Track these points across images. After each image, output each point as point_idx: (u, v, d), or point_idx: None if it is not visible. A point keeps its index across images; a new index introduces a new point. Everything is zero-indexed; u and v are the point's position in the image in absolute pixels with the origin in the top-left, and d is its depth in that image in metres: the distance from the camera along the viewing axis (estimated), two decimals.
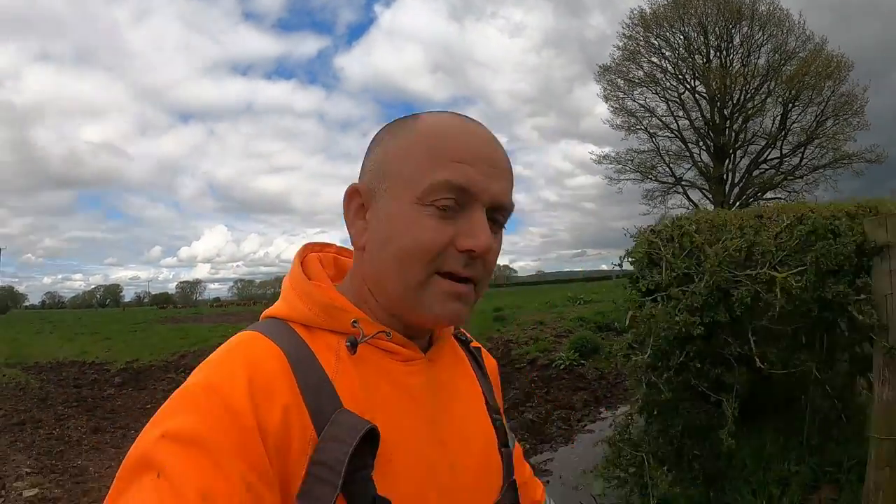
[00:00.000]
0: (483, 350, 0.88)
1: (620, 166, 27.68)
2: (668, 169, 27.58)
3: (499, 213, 0.67)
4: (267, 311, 0.70)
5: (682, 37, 24.77)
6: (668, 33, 24.92)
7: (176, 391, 0.57)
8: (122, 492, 0.50)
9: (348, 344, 0.63)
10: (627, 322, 2.82)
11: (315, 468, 0.56)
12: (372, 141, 0.70)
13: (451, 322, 0.66)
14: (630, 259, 3.02)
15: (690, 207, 27.49)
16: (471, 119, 0.69)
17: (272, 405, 0.56)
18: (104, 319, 33.15)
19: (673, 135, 26.70)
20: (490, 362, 0.89)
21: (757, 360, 2.42)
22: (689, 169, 27.28)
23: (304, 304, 0.66)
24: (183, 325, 23.09)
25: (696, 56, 25.02)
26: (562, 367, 8.46)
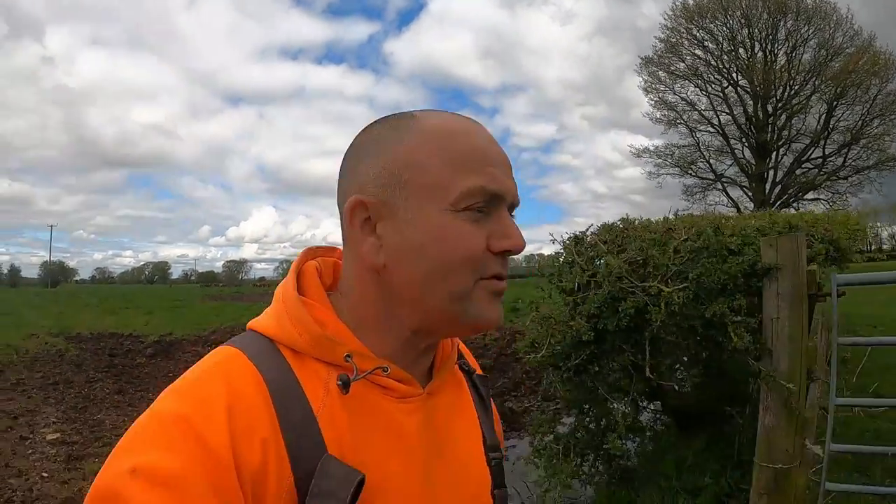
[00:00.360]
0: (488, 379, 0.83)
1: (661, 160, 27.45)
2: (708, 165, 27.18)
3: (512, 210, 0.66)
4: (254, 323, 0.64)
5: (725, 29, 24.26)
6: (711, 25, 24.45)
7: (147, 415, 0.54)
8: None
9: (340, 383, 0.58)
10: (529, 321, 3.10)
11: None
12: (360, 146, 0.64)
13: (497, 324, 0.64)
14: (554, 262, 3.24)
15: (730, 205, 27.09)
16: (467, 117, 0.66)
17: (251, 444, 0.52)
18: (150, 295, 34.83)
19: (714, 130, 26.27)
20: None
21: (647, 369, 2.65)
22: (730, 166, 26.83)
23: (293, 327, 0.60)
24: (222, 303, 24.22)
25: (740, 49, 24.49)
26: None
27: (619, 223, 3.31)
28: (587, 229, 3.35)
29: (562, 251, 3.26)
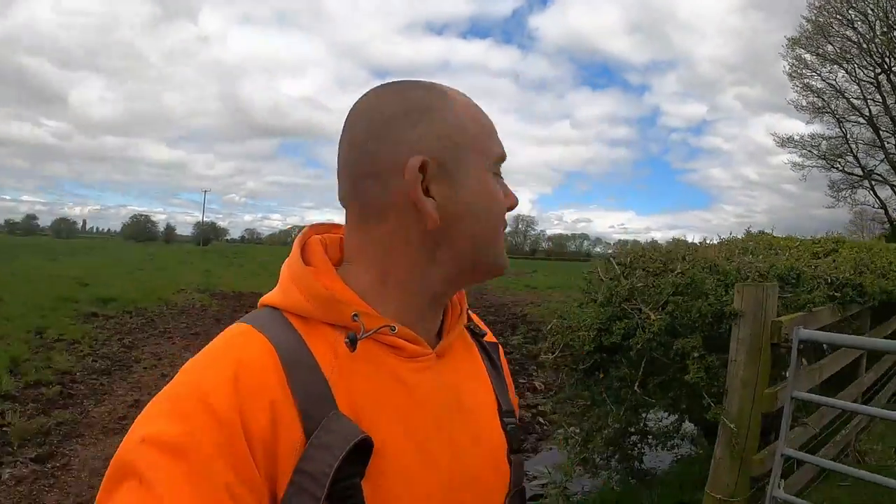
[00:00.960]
0: (500, 346, 0.84)
1: (806, 151, 25.36)
2: (855, 160, 24.69)
3: None
4: (263, 299, 0.65)
5: (878, 10, 21.66)
6: (864, 5, 21.94)
7: (162, 391, 0.55)
8: (105, 498, 0.50)
9: (347, 340, 0.58)
10: (550, 327, 3.49)
11: (299, 477, 0.52)
12: (404, 111, 0.63)
13: (507, 268, 0.70)
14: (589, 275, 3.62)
15: (877, 206, 24.53)
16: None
17: (259, 406, 0.53)
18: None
19: (864, 122, 23.75)
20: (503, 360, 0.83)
21: (636, 383, 2.99)
22: (880, 162, 24.17)
23: (300, 293, 0.61)
24: None
25: (895, 32, 21.78)
26: None
27: (646, 244, 3.63)
28: (628, 245, 3.70)
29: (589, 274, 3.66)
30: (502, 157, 0.68)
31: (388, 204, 0.62)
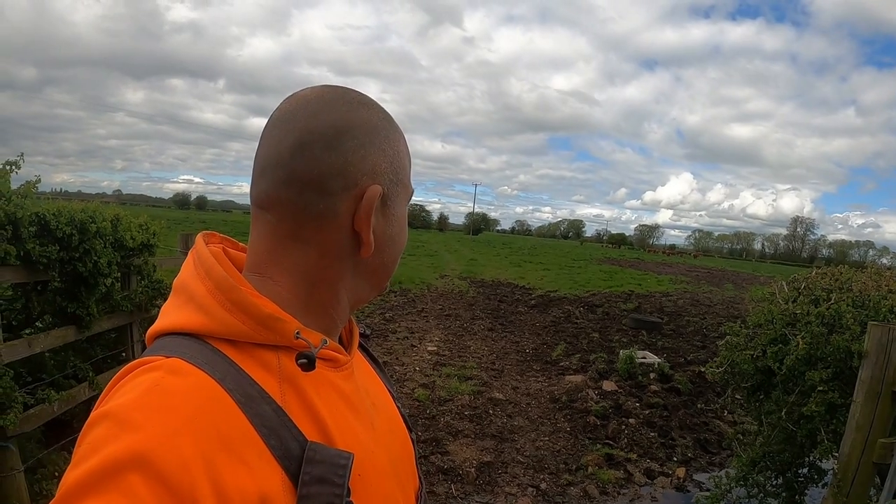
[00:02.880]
0: (367, 337, 0.84)
1: None
2: None
3: None
4: (171, 323, 0.56)
5: None
6: None
7: (92, 464, 0.43)
8: None
9: (304, 360, 0.55)
10: (723, 342, 3.51)
11: None
12: (357, 128, 0.60)
13: None
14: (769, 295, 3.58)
15: None
16: None
17: (229, 459, 0.47)
18: (557, 252, 38.81)
19: None
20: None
21: (784, 411, 2.95)
22: None
23: (231, 315, 0.55)
24: (616, 268, 26.00)
25: None
26: None
27: (813, 274, 3.45)
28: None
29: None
30: (412, 195, 0.70)
31: (328, 220, 0.59)
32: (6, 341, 2.51)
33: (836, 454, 2.50)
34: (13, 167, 2.58)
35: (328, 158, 0.58)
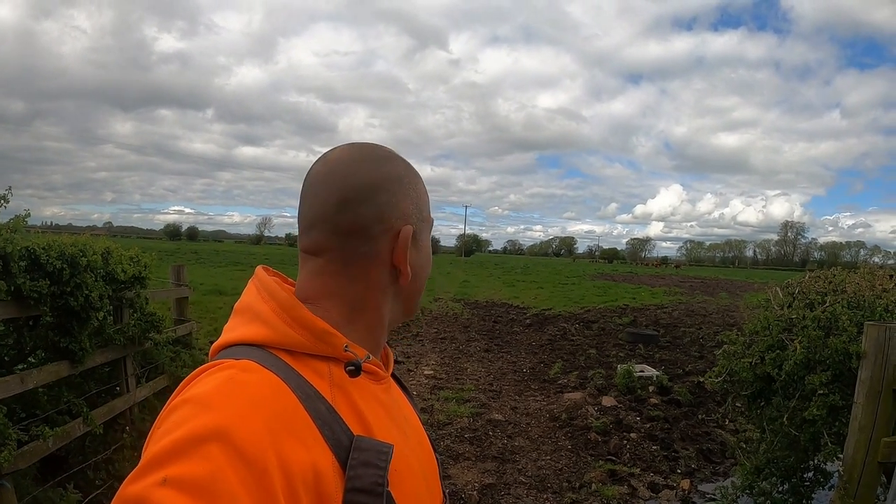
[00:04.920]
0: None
1: None
2: None
3: None
4: (238, 336, 0.66)
5: None
6: None
7: (175, 431, 0.52)
8: None
9: (351, 368, 0.65)
10: (721, 351, 3.51)
11: (352, 496, 0.57)
12: (388, 181, 0.72)
13: None
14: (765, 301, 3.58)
15: None
16: None
17: (292, 441, 0.55)
18: (550, 270, 38.76)
19: None
20: None
21: (785, 416, 2.94)
22: None
23: (292, 329, 0.65)
24: (610, 283, 25.96)
25: None
26: None
27: (806, 278, 3.46)
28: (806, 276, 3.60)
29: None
30: (433, 224, 0.82)
31: (371, 258, 0.70)
32: None
33: (841, 456, 2.49)
34: (2, 201, 2.56)
35: (366, 211, 0.69)
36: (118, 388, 3.57)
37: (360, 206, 0.69)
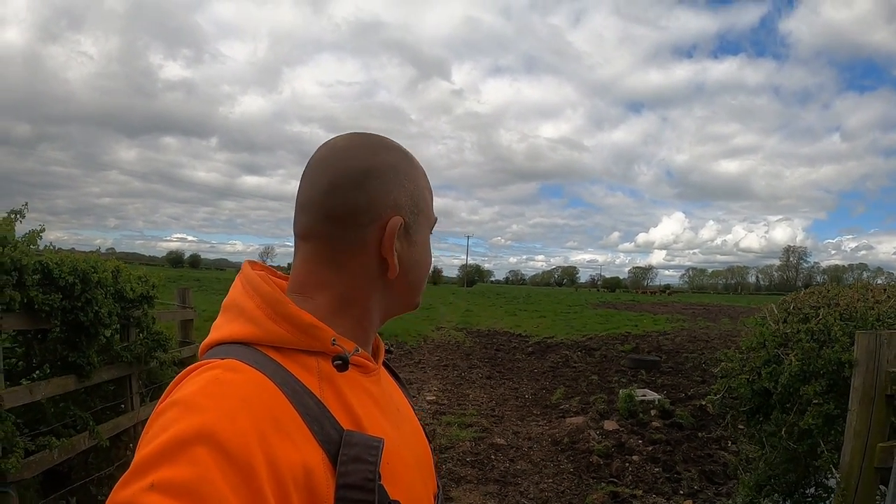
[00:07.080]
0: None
1: None
2: None
3: None
4: (224, 335, 0.65)
5: None
6: None
7: (162, 435, 0.51)
8: None
9: (339, 362, 0.64)
10: (719, 369, 3.54)
11: (344, 492, 0.56)
12: (380, 170, 0.70)
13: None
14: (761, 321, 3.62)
15: None
16: None
17: (280, 439, 0.55)
18: (552, 299, 38.61)
19: None
20: None
21: (783, 429, 2.96)
22: None
23: (277, 325, 0.64)
24: (612, 311, 25.93)
25: None
26: None
27: (801, 294, 3.51)
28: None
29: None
30: (435, 223, 0.80)
31: (359, 248, 0.69)
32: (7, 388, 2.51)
33: (837, 464, 2.52)
34: (18, 216, 2.65)
35: (356, 197, 0.68)
36: (123, 406, 3.61)
37: (349, 191, 0.68)
